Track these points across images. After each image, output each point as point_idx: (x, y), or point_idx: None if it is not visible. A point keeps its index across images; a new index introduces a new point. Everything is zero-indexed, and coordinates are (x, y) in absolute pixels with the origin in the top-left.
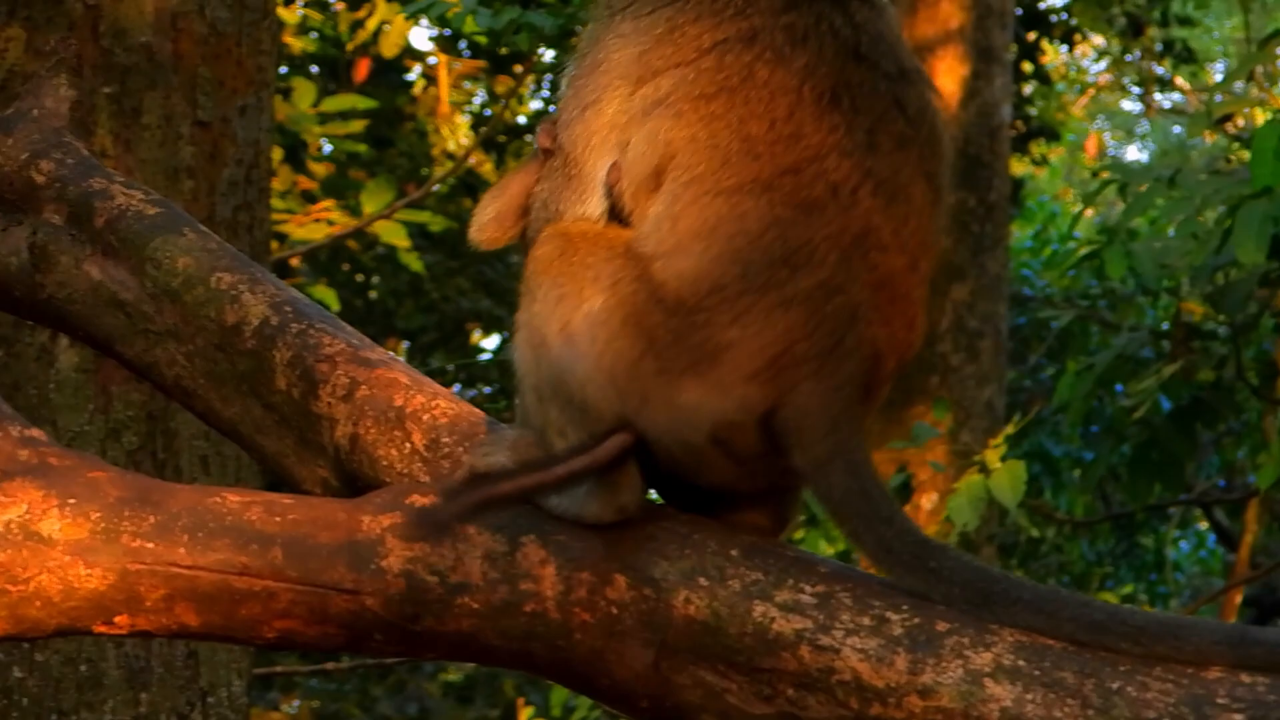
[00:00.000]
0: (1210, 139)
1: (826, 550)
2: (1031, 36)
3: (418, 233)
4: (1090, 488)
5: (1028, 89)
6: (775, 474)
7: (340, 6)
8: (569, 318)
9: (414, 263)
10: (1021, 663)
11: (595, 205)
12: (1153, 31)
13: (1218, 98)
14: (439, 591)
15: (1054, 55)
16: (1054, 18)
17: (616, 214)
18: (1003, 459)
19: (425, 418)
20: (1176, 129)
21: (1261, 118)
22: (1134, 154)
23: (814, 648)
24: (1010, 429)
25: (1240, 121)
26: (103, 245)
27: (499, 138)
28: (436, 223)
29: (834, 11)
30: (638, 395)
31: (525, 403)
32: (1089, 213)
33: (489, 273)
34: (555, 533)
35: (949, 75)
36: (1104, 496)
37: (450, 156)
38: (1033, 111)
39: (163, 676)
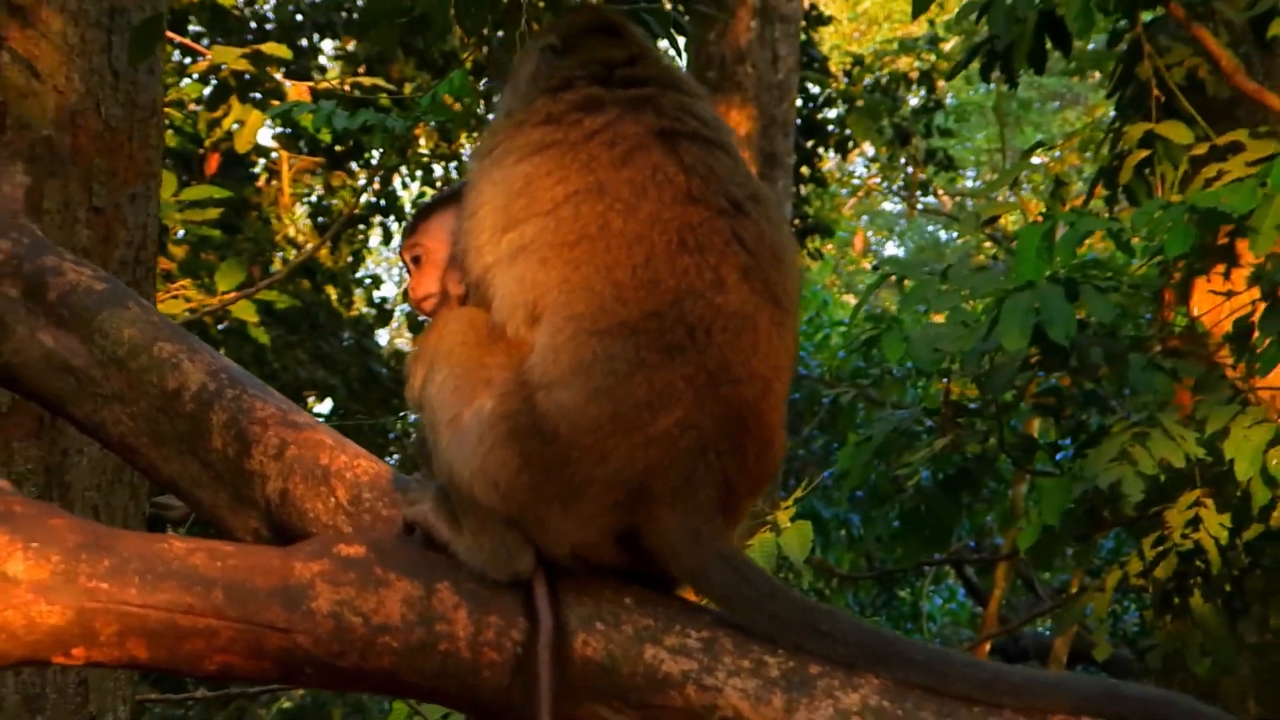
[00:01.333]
0: (963, 238)
1: None
2: (810, 144)
3: (263, 309)
4: (867, 545)
5: (805, 190)
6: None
7: (194, 107)
8: (460, 410)
9: (262, 336)
10: (886, 703)
11: None
12: (917, 141)
13: (970, 203)
14: (363, 631)
15: (827, 161)
16: (830, 128)
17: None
18: (791, 520)
19: (348, 475)
20: (930, 228)
21: (1010, 220)
22: (892, 249)
23: (699, 687)
24: (799, 493)
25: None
26: (55, 317)
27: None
28: (282, 301)
29: (666, 160)
30: (516, 504)
31: (435, 463)
32: (850, 300)
33: (324, 347)
34: (467, 580)
35: None
36: (866, 553)
37: (291, 241)
38: (809, 211)
39: (56, 702)
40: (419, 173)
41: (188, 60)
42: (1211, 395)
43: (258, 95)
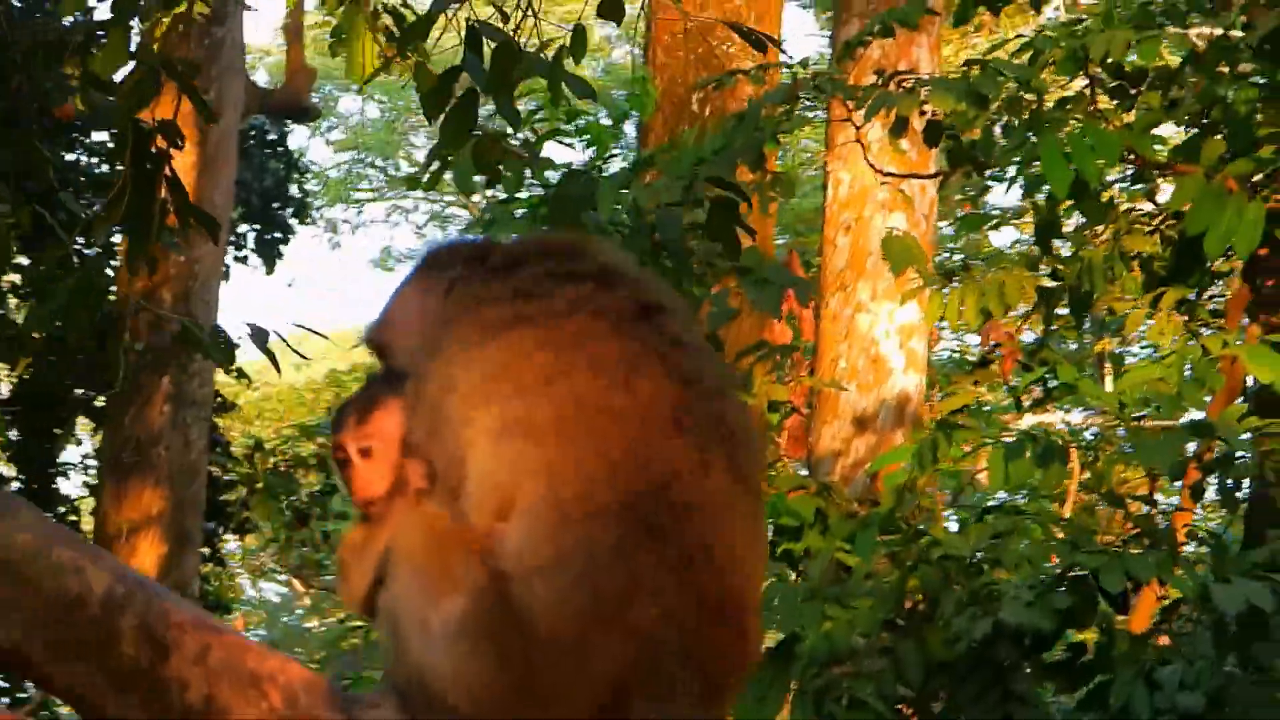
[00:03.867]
0: None
1: None
2: (214, 525)
3: None
4: None
5: (206, 570)
6: None
7: None
8: (428, 613)
9: None
10: None
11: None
12: (315, 523)
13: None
14: None
15: (229, 541)
16: (230, 510)
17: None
18: None
19: (281, 679)
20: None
21: None
22: None
23: None
24: None
25: None
26: None
27: None
28: None
29: (654, 336)
30: (491, 710)
31: (393, 670)
32: None
33: None
34: None
35: None
36: None
37: None
38: (210, 590)
39: None
40: None
41: None
42: None
43: None
